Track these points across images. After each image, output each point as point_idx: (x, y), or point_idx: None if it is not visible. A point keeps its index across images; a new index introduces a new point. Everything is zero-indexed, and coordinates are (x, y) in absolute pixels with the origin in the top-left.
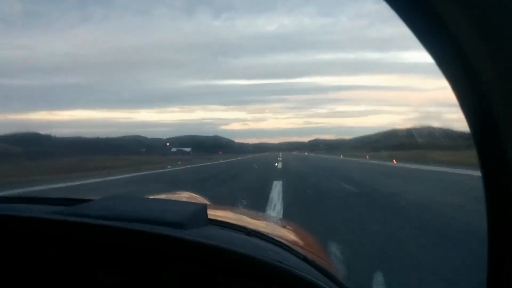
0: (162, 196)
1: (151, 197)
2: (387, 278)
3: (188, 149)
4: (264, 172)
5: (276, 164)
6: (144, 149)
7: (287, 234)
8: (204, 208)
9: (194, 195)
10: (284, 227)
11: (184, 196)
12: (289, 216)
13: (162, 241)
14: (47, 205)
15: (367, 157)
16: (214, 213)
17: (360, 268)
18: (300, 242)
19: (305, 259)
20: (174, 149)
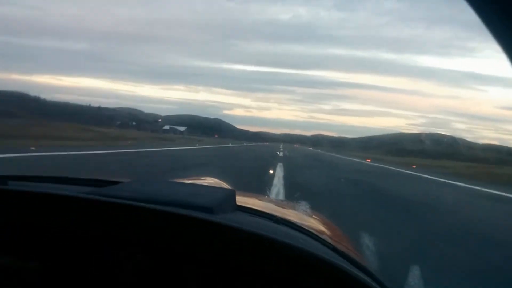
0: (188, 181)
1: (179, 181)
2: (422, 271)
3: (182, 128)
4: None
5: (272, 171)
6: (134, 123)
7: (315, 224)
8: (232, 194)
9: (218, 181)
10: (311, 216)
11: (208, 181)
12: None
13: (193, 224)
14: (78, 186)
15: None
16: (242, 200)
17: None
18: (329, 233)
19: (334, 249)
20: (167, 127)
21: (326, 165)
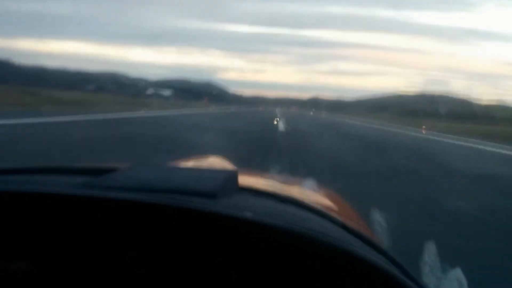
0: (191, 161)
1: (181, 163)
2: (438, 247)
3: (167, 92)
4: None
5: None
6: (114, 87)
7: (323, 201)
8: (235, 174)
9: (220, 159)
10: (319, 193)
11: (211, 161)
12: None
13: (191, 214)
14: (72, 176)
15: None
16: (246, 180)
17: None
18: (338, 210)
19: (345, 227)
20: (150, 91)
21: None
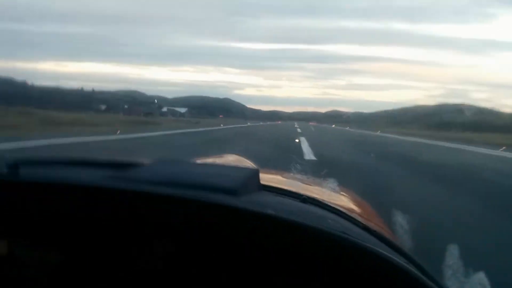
0: (210, 159)
1: (202, 161)
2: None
3: (182, 110)
4: None
5: None
6: (126, 106)
7: (344, 202)
8: (256, 173)
9: (241, 158)
10: (340, 193)
11: (231, 159)
12: None
13: (214, 210)
14: (96, 169)
15: None
16: (267, 178)
17: None
18: (359, 211)
19: (366, 228)
20: (164, 109)
21: None
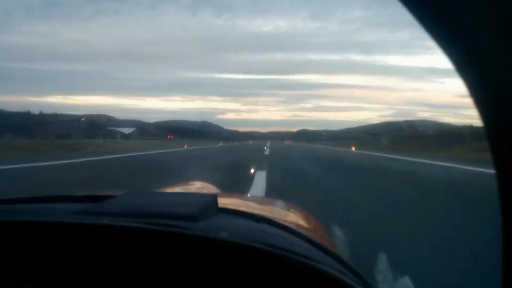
0: (177, 187)
1: (167, 189)
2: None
3: (128, 130)
4: None
5: None
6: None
7: (292, 217)
8: (214, 197)
9: (205, 184)
10: (289, 210)
11: (197, 186)
12: None
13: (173, 237)
14: (71, 203)
15: None
16: (224, 201)
17: None
18: (305, 225)
19: (310, 241)
20: (114, 129)
21: None
